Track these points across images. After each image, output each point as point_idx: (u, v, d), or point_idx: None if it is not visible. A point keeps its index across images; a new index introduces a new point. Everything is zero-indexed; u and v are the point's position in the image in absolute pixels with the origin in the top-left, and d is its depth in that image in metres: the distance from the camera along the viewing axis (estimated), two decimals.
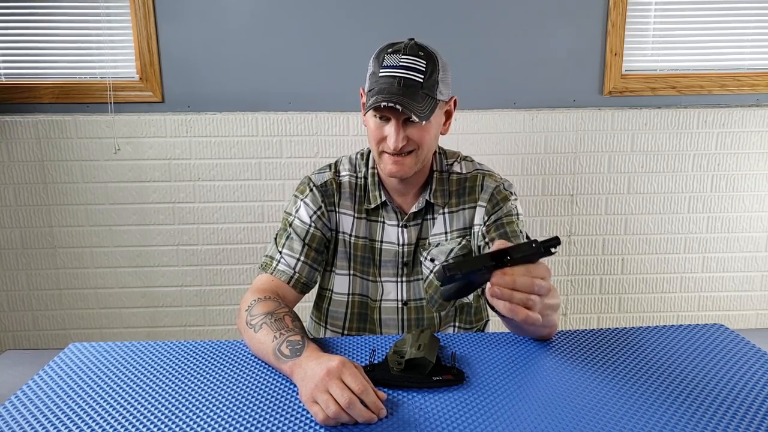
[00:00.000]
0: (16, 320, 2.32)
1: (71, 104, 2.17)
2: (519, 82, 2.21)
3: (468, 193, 1.18)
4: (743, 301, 2.41)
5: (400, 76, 1.02)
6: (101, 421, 0.80)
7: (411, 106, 1.01)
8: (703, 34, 2.23)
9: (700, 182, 2.30)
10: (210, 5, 2.12)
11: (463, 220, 1.17)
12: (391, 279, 1.19)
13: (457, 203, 1.17)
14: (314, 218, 1.15)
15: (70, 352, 1.01)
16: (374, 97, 1.01)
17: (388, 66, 1.04)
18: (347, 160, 1.22)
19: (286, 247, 1.14)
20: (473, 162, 1.22)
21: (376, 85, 1.04)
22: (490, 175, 1.19)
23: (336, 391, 0.77)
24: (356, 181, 1.19)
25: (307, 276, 1.13)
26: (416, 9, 2.14)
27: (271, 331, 0.94)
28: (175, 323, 2.33)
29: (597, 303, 2.39)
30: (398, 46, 1.06)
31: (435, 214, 1.17)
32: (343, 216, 1.18)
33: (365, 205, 1.17)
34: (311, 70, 2.17)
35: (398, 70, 1.03)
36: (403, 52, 1.04)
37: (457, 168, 1.19)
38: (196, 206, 2.24)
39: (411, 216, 1.16)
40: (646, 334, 1.06)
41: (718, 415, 0.79)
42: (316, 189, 1.17)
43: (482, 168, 1.20)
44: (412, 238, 1.17)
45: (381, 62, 1.05)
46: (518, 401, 0.83)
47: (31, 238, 2.24)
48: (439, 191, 1.17)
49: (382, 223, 1.18)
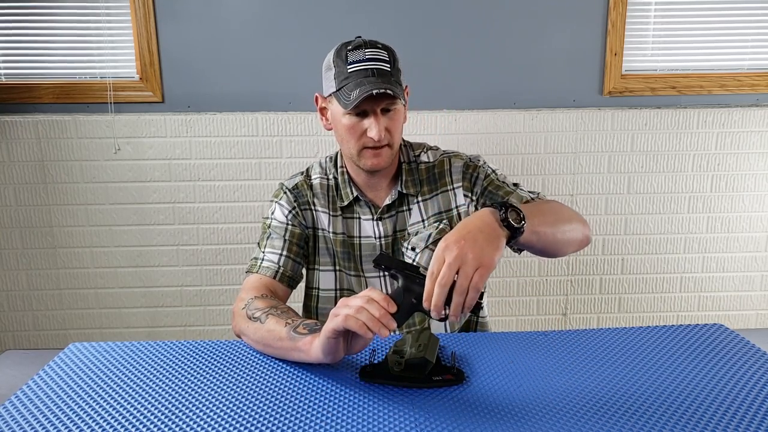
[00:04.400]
0: (16, 320, 2.32)
1: (71, 104, 2.17)
2: (519, 82, 2.21)
3: (438, 178, 1.21)
4: (743, 301, 2.40)
5: (372, 68, 1.05)
6: (101, 421, 0.80)
7: (395, 90, 1.04)
8: (703, 34, 2.23)
9: (700, 182, 2.30)
10: (210, 5, 2.12)
11: (437, 205, 1.20)
12: (374, 274, 1.21)
13: (429, 190, 1.20)
14: (290, 216, 1.19)
15: (70, 352, 1.01)
16: (357, 90, 1.03)
17: (356, 61, 1.06)
18: (317, 164, 1.25)
19: (268, 246, 1.17)
20: (438, 149, 1.25)
21: (348, 81, 1.05)
22: (456, 155, 1.23)
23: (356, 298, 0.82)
24: (327, 182, 1.22)
25: (292, 269, 1.16)
26: (416, 9, 2.13)
27: (281, 319, 0.95)
28: (175, 323, 2.33)
29: (597, 303, 2.39)
30: (356, 43, 1.08)
31: (410, 204, 1.20)
32: (319, 214, 1.20)
33: (338, 203, 1.20)
34: (311, 70, 2.16)
35: (367, 62, 1.05)
36: (365, 47, 1.07)
37: (425, 158, 1.23)
38: (196, 206, 2.24)
39: (385, 209, 1.19)
40: (646, 334, 1.06)
41: (718, 415, 0.79)
42: (289, 192, 1.21)
43: (447, 152, 1.24)
44: (388, 230, 1.20)
45: (345, 60, 1.07)
46: (518, 401, 0.83)
47: (31, 238, 2.24)
48: (410, 181, 1.19)
49: (358, 219, 1.20)
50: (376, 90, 1.01)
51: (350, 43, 1.09)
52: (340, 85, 1.07)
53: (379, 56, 1.07)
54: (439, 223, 1.19)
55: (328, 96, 1.12)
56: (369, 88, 1.02)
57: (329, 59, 1.11)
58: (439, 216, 1.20)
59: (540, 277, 2.35)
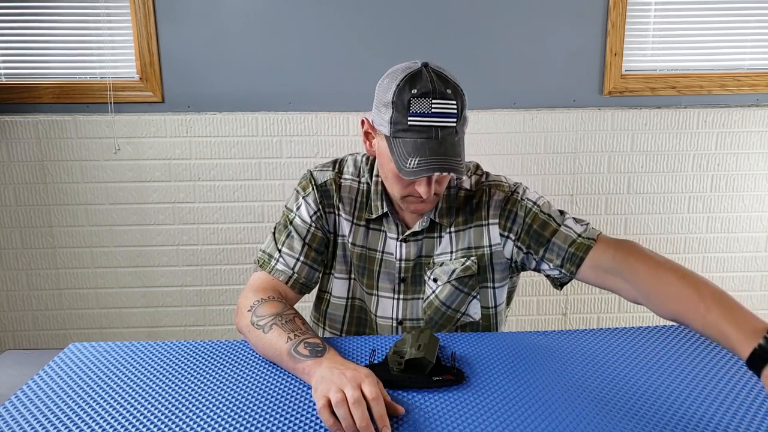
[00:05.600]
0: (16, 320, 2.32)
1: (71, 104, 2.17)
2: (519, 82, 2.21)
3: (475, 210, 1.12)
4: (743, 301, 2.37)
5: (436, 126, 0.94)
6: (101, 421, 0.80)
7: (456, 165, 0.94)
8: (703, 34, 2.23)
9: (700, 182, 2.30)
10: (210, 6, 2.12)
11: (468, 240, 1.12)
12: (387, 294, 1.15)
13: (464, 221, 1.12)
14: (314, 218, 1.12)
15: (70, 352, 1.01)
16: (415, 159, 0.93)
17: (419, 114, 0.93)
18: (352, 161, 1.16)
19: (286, 246, 1.11)
20: (481, 175, 1.15)
21: (406, 137, 0.94)
22: (498, 185, 1.12)
23: (350, 391, 0.76)
24: (358, 186, 1.14)
25: (307, 276, 1.11)
26: (416, 9, 2.13)
27: (283, 332, 0.93)
28: (175, 323, 2.33)
29: (597, 303, 2.39)
30: (423, 85, 0.94)
31: (441, 232, 1.12)
32: (342, 220, 1.14)
33: (366, 214, 1.13)
34: (311, 70, 2.17)
35: (431, 119, 0.93)
36: (433, 95, 0.93)
37: (466, 184, 1.13)
38: (196, 206, 2.24)
39: (411, 233, 1.12)
40: (646, 334, 1.06)
41: (718, 415, 0.79)
42: (317, 189, 1.13)
43: (488, 180, 1.14)
44: (411, 254, 1.12)
45: (407, 107, 0.94)
46: (518, 401, 0.83)
47: (31, 238, 2.24)
48: (445, 209, 1.11)
49: (384, 234, 1.13)
50: (437, 172, 0.92)
51: (416, 82, 0.94)
52: (395, 134, 0.96)
53: (447, 110, 0.94)
54: (466, 259, 1.11)
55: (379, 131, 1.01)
56: (429, 163, 0.92)
57: (389, 95, 0.96)
58: (468, 252, 1.11)
59: (540, 277, 2.35)
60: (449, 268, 1.12)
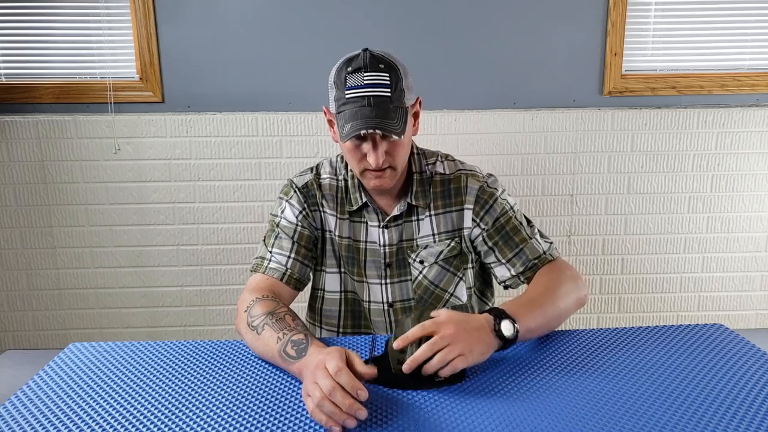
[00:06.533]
0: (16, 320, 2.32)
1: (71, 104, 2.17)
2: (519, 82, 2.21)
3: (454, 194, 1.17)
4: (743, 301, 2.40)
5: (368, 95, 1.01)
6: (101, 421, 0.80)
7: (388, 126, 1.00)
8: (703, 34, 2.23)
9: (700, 182, 2.30)
10: (210, 5, 2.12)
11: (451, 222, 1.17)
12: (375, 281, 1.20)
13: (443, 205, 1.17)
14: (300, 217, 1.17)
15: (70, 352, 1.01)
16: (349, 124, 1.01)
17: (353, 87, 1.01)
18: (328, 163, 1.22)
19: (276, 246, 1.15)
20: (455, 161, 1.21)
21: (345, 109, 1.02)
22: (473, 174, 1.19)
23: (321, 381, 0.77)
24: (337, 183, 1.20)
25: (300, 272, 1.14)
26: (416, 9, 2.13)
27: (274, 332, 0.94)
28: (175, 323, 2.33)
29: (597, 303, 2.39)
30: (357, 63, 1.03)
31: (419, 215, 1.17)
32: (327, 215, 1.19)
33: (347, 207, 1.18)
34: (311, 70, 2.17)
35: (364, 89, 1.01)
36: (365, 69, 1.02)
37: (440, 168, 1.19)
38: (196, 206, 2.24)
39: (392, 218, 1.17)
40: (646, 334, 1.06)
41: (718, 415, 0.79)
42: (299, 191, 1.18)
43: (464, 168, 1.20)
44: (393, 239, 1.18)
45: (344, 83, 1.02)
46: (518, 401, 0.83)
47: (31, 238, 2.24)
48: (420, 192, 1.16)
49: (365, 224, 1.18)
50: (364, 130, 0.99)
51: (352, 62, 1.03)
52: (338, 109, 1.04)
53: (379, 80, 1.01)
54: (451, 240, 1.17)
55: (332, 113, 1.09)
56: (360, 124, 0.99)
57: (332, 77, 1.07)
58: (452, 234, 1.17)
59: None
60: (435, 250, 1.18)
